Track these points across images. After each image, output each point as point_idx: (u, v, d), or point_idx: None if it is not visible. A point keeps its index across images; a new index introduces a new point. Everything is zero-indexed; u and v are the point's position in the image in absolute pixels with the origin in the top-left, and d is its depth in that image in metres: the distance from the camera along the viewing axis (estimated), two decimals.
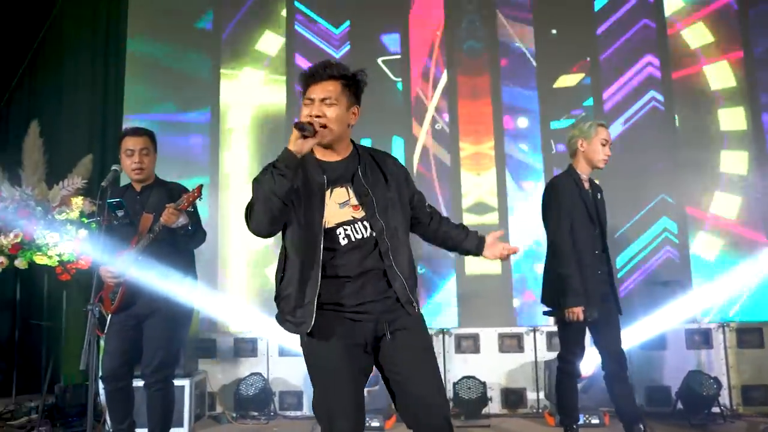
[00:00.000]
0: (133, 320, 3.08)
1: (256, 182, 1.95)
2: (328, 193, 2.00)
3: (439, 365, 2.14)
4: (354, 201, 2.02)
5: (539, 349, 4.54)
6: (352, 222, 2.00)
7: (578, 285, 3.06)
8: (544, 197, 3.30)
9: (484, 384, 4.28)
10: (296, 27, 5.39)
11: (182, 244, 3.11)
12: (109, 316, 3.10)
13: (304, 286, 1.96)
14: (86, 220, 4.56)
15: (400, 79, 5.22)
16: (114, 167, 2.98)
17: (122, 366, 3.06)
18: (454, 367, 4.56)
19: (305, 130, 1.90)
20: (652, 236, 4.84)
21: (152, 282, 3.03)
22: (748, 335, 4.44)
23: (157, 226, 2.97)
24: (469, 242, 2.28)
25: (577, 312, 3.05)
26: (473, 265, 4.89)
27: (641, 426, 3.30)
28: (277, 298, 2.06)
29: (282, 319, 2.04)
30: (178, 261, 3.09)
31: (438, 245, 2.34)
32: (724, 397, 4.30)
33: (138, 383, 3.15)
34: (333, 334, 1.97)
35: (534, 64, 5.13)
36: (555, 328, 4.58)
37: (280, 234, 2.07)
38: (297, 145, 1.89)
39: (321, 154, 2.06)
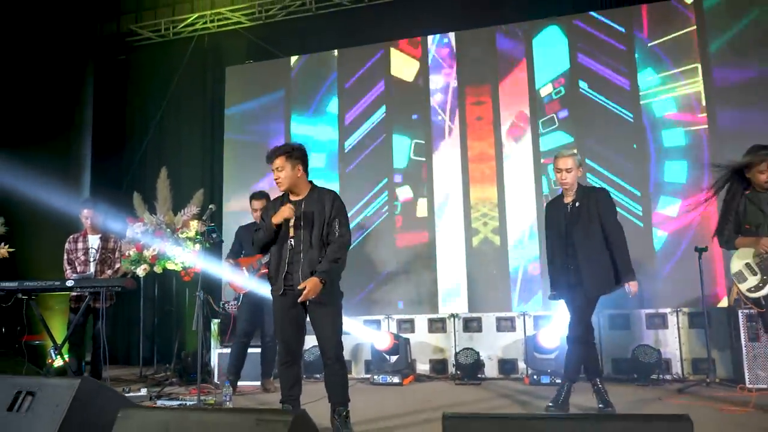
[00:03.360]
0: (256, 305, 5.05)
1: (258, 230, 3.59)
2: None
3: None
4: (296, 223, 3.42)
5: (528, 329, 5.82)
6: (294, 236, 3.42)
7: (551, 279, 4.10)
8: None
9: (477, 353, 5.62)
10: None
11: None
12: (241, 295, 5.20)
13: (278, 267, 3.44)
14: (200, 238, 6.38)
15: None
16: (211, 206, 4.75)
17: (248, 327, 5.17)
18: (462, 343, 5.91)
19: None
20: None
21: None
22: (697, 318, 5.45)
23: (265, 261, 4.82)
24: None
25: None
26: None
27: (597, 381, 3.98)
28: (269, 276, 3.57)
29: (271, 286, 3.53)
30: None
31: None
32: (677, 367, 5.41)
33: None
34: (284, 298, 3.44)
35: None
36: (540, 313, 5.88)
37: None
38: (277, 217, 3.40)
39: (291, 196, 3.49)
